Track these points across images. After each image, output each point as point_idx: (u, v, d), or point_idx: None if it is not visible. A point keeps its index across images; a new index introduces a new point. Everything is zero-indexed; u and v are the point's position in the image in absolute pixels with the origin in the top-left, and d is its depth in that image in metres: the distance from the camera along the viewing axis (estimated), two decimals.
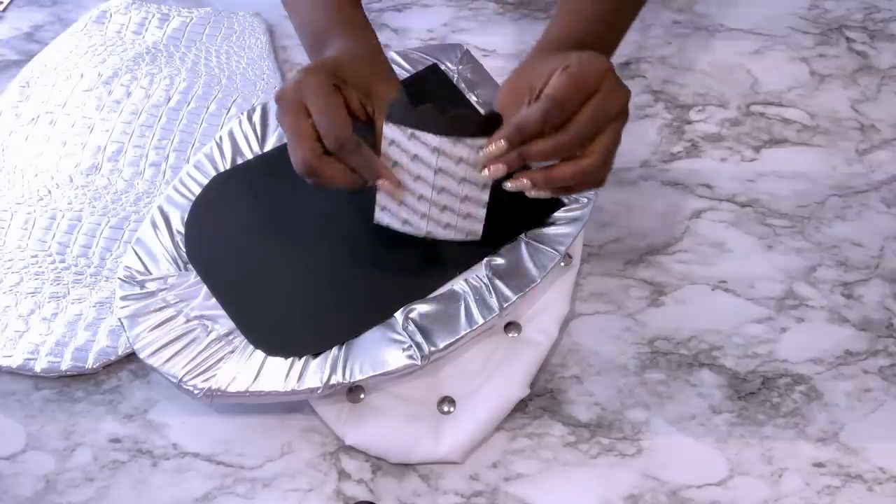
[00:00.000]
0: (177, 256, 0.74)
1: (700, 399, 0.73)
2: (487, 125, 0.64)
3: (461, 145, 0.64)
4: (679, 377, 0.74)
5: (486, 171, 0.64)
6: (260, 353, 0.69)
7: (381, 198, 0.67)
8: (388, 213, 0.68)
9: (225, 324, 0.70)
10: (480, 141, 0.64)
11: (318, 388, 0.68)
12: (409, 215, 0.68)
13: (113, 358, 0.74)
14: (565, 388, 0.73)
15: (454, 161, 0.65)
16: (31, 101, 0.88)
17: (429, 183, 0.66)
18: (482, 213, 0.68)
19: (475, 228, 0.68)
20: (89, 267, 0.78)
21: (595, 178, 0.64)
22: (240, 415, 0.72)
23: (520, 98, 0.66)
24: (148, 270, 0.73)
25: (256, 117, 0.81)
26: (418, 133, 0.65)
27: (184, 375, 0.68)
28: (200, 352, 0.69)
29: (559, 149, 0.62)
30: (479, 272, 0.73)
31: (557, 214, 0.76)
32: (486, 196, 0.67)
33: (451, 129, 0.64)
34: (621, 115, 0.64)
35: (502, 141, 0.62)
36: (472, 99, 0.82)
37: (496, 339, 0.73)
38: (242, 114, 0.81)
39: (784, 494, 0.68)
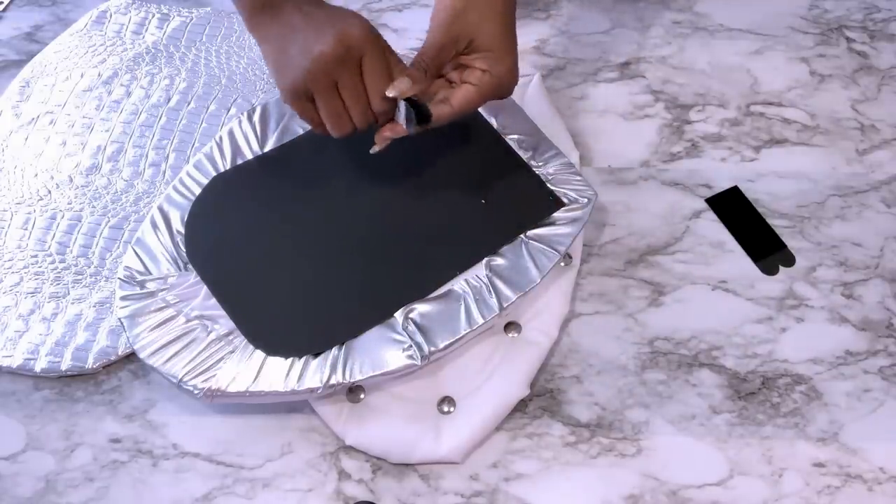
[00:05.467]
0: (177, 256, 0.74)
1: (700, 399, 0.73)
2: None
3: None
4: (679, 377, 0.74)
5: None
6: (260, 353, 0.69)
7: None
8: None
9: (225, 324, 0.70)
10: None
11: (318, 388, 0.68)
12: None
13: (113, 358, 0.74)
14: (565, 388, 0.73)
15: None
16: (31, 101, 0.88)
17: None
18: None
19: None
20: (89, 267, 0.78)
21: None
22: (240, 415, 0.72)
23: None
24: (148, 270, 0.73)
25: (256, 117, 0.81)
26: None
27: (184, 375, 0.68)
28: (200, 352, 0.69)
29: None
30: (479, 272, 0.73)
31: (557, 214, 0.76)
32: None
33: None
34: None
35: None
36: None
37: (496, 339, 0.73)
38: (242, 114, 0.81)
39: (784, 494, 0.68)
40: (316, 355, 0.69)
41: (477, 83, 0.68)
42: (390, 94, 0.66)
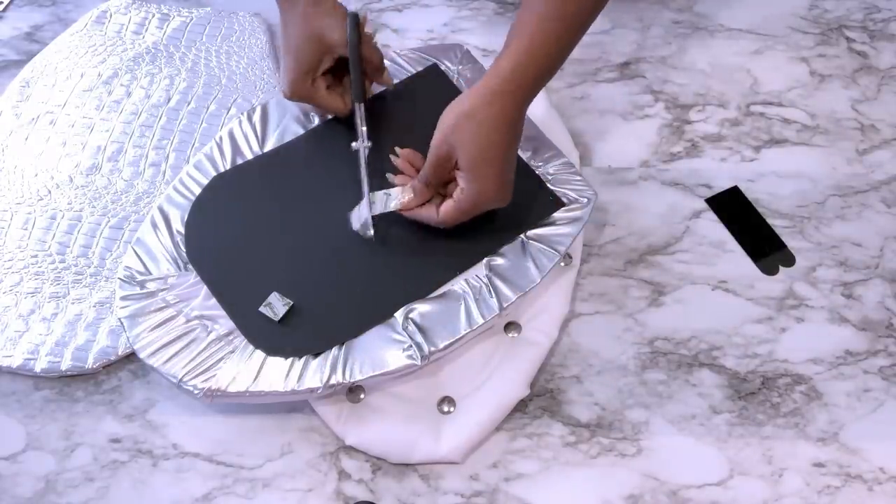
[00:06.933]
0: (177, 256, 0.74)
1: (700, 399, 0.73)
2: None
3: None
4: (679, 377, 0.74)
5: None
6: (260, 353, 0.69)
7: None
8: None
9: (225, 324, 0.70)
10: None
11: (318, 388, 0.68)
12: None
13: (113, 358, 0.74)
14: (565, 388, 0.73)
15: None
16: (31, 101, 0.88)
17: None
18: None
19: None
20: (89, 267, 0.78)
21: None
22: (240, 415, 0.72)
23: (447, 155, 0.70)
24: (148, 270, 0.73)
25: (256, 117, 0.81)
26: None
27: (184, 375, 0.68)
28: (200, 352, 0.69)
29: None
30: (479, 272, 0.73)
31: (557, 214, 0.76)
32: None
33: None
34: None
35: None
36: None
37: (496, 339, 0.73)
38: (242, 114, 0.81)
39: (784, 494, 0.68)
40: (316, 355, 0.69)
41: (455, 199, 0.71)
42: (395, 207, 0.73)
